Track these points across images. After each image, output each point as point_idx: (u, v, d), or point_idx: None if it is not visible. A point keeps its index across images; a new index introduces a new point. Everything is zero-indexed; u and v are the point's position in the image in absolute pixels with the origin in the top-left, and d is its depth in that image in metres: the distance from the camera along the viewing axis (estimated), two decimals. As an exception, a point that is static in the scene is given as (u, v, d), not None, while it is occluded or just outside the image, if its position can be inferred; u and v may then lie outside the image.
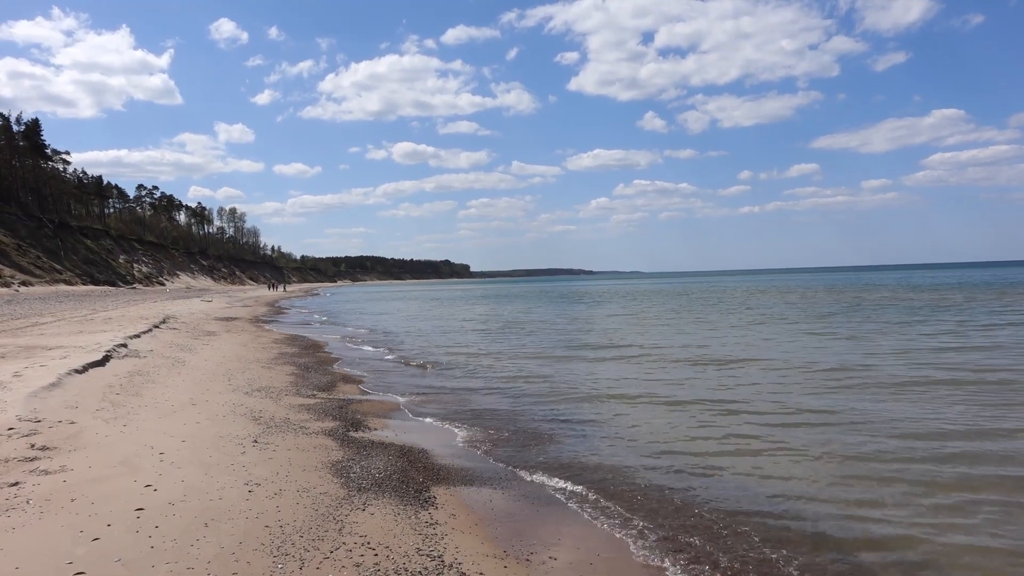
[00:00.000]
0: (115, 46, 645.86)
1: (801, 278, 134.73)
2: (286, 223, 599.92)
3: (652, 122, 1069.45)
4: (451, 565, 5.29)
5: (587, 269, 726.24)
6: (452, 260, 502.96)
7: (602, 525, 6.52)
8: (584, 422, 10.81)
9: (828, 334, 23.39)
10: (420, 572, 5.08)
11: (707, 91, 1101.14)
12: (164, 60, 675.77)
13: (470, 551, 5.66)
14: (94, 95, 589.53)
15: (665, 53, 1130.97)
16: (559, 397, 13.00)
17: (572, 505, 7.09)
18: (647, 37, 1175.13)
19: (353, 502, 6.59)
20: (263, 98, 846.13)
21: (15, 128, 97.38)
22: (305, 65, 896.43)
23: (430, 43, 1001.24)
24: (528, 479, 7.95)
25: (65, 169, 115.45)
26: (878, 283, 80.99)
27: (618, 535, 6.28)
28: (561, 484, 7.74)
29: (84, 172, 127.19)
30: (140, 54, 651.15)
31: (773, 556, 5.76)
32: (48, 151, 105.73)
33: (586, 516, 6.77)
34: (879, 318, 29.56)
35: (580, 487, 7.61)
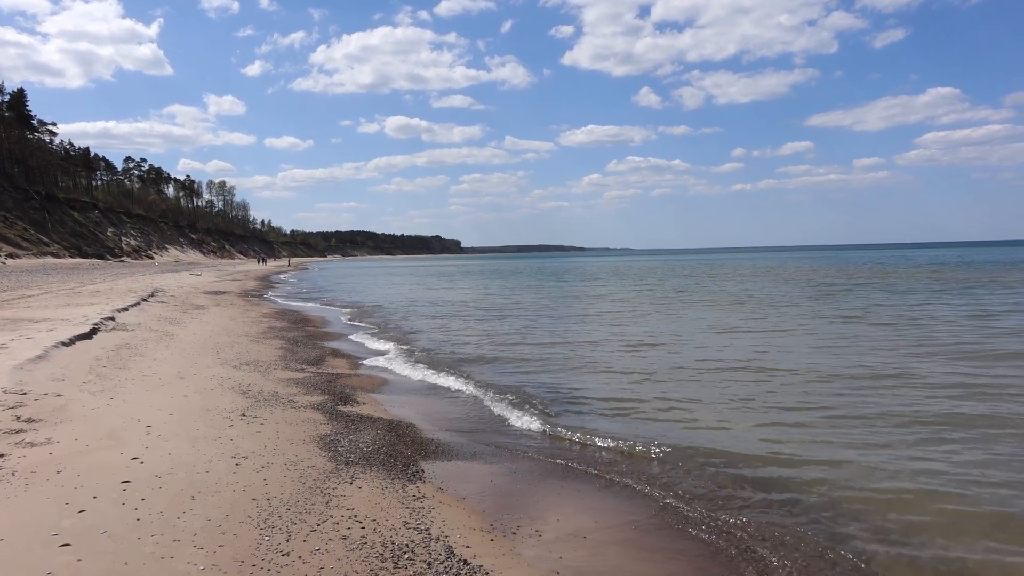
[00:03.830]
0: (102, 14, 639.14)
1: (797, 256, 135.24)
2: (277, 197, 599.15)
3: (647, 98, 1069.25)
4: (438, 538, 5.31)
5: (578, 246, 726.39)
6: (443, 236, 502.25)
7: (590, 501, 6.55)
8: (574, 397, 10.83)
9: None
10: (407, 545, 5.10)
11: (703, 67, 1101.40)
12: (153, 30, 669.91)
13: (457, 525, 5.68)
14: (82, 65, 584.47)
15: (662, 27, 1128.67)
16: (551, 375, 13.02)
17: (559, 480, 7.11)
18: (643, 11, 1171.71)
19: (341, 475, 6.60)
20: (254, 69, 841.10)
21: (0, 98, 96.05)
22: (297, 36, 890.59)
23: (424, 15, 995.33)
24: (517, 454, 7.98)
25: (52, 140, 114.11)
26: (879, 262, 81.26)
27: (607, 512, 6.31)
28: (549, 459, 7.77)
29: (71, 143, 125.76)
30: (129, 23, 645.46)
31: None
32: (34, 122, 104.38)
33: (574, 492, 6.80)
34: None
35: (567, 462, 7.64)
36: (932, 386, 10.96)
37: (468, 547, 5.23)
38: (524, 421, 9.38)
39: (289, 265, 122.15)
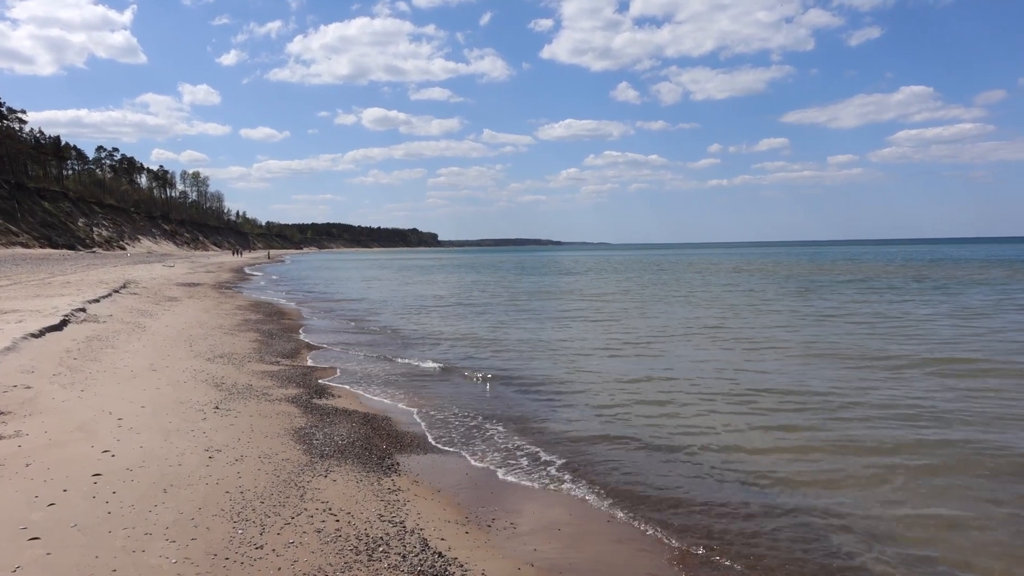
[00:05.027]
0: (75, 0, 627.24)
1: (772, 252, 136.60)
2: (252, 188, 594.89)
3: (625, 92, 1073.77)
4: (412, 531, 5.32)
5: (555, 240, 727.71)
6: (420, 229, 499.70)
7: (566, 494, 6.58)
8: (551, 392, 10.86)
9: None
10: (381, 538, 5.10)
11: (681, 62, 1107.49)
12: (127, 17, 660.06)
13: (432, 517, 5.69)
14: (53, 52, 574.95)
15: (640, 22, 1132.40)
16: (527, 370, 13.05)
17: (535, 474, 7.14)
18: (622, 5, 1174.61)
19: (315, 468, 6.58)
20: (229, 59, 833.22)
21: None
22: (273, 26, 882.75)
23: (402, 6, 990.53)
24: (492, 448, 7.99)
25: (21, 129, 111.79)
26: (854, 258, 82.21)
27: (582, 505, 6.35)
28: (525, 453, 7.79)
29: (41, 132, 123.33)
30: (101, 10, 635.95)
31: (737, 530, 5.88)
32: (3, 110, 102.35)
33: (549, 485, 6.82)
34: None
35: (544, 456, 7.67)
36: (911, 397, 11.00)
37: (443, 539, 5.24)
38: (501, 415, 9.40)
39: (268, 258, 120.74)
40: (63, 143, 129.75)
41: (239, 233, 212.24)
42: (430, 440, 8.17)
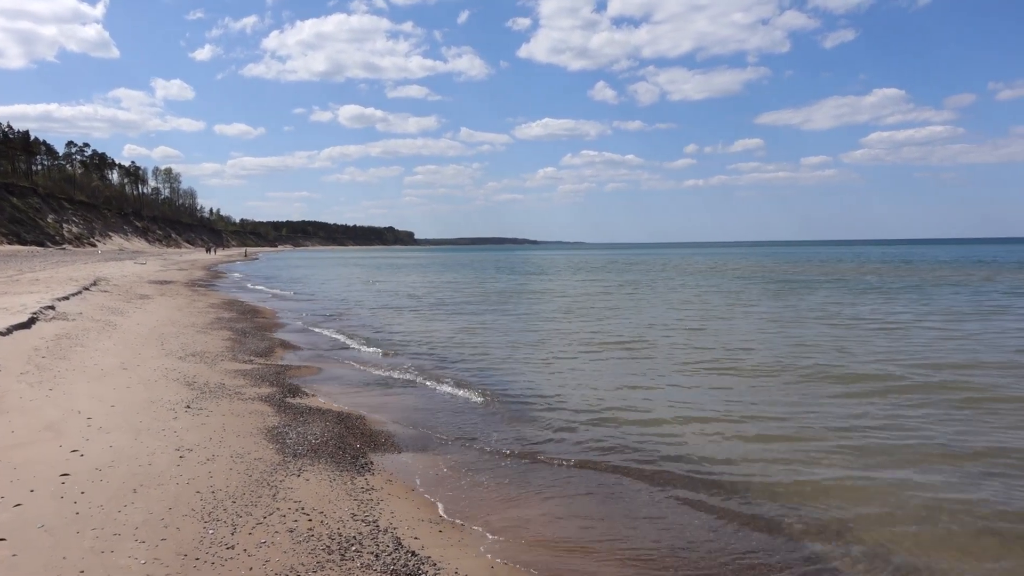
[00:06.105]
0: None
1: (747, 252, 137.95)
2: (226, 185, 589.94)
3: (602, 92, 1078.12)
4: (386, 530, 5.31)
5: (532, 239, 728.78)
6: (397, 227, 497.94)
7: (538, 493, 6.60)
8: (524, 396, 10.87)
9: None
10: (354, 537, 5.08)
11: (658, 63, 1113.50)
12: (99, 10, 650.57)
13: (405, 516, 5.68)
14: (23, 45, 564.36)
15: (618, 22, 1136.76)
16: (498, 372, 13.05)
17: (509, 473, 7.15)
18: (600, 5, 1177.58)
19: (288, 468, 6.54)
20: (203, 54, 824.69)
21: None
22: (249, 21, 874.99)
23: (379, 2, 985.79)
24: (466, 447, 7.99)
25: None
26: (827, 258, 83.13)
27: (557, 505, 6.37)
28: (499, 452, 7.80)
29: (10, 126, 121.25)
30: (73, 3, 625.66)
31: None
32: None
33: (523, 484, 6.84)
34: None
35: (520, 454, 7.68)
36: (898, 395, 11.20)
37: (416, 538, 5.23)
38: (476, 415, 9.42)
39: (245, 256, 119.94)
40: (32, 138, 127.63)
41: (212, 230, 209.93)
42: (404, 439, 8.15)
